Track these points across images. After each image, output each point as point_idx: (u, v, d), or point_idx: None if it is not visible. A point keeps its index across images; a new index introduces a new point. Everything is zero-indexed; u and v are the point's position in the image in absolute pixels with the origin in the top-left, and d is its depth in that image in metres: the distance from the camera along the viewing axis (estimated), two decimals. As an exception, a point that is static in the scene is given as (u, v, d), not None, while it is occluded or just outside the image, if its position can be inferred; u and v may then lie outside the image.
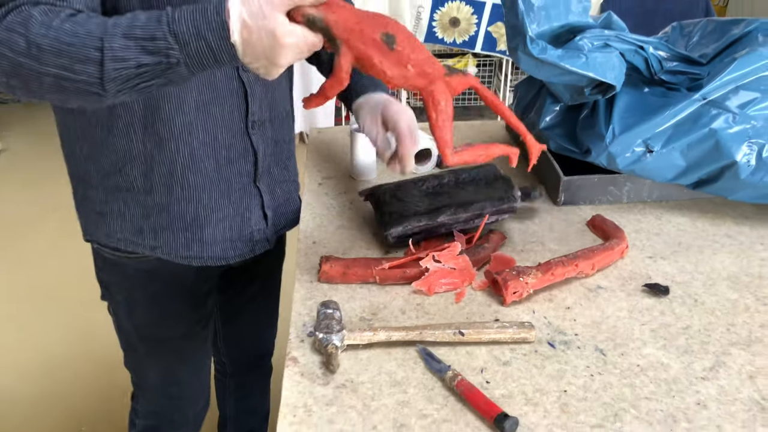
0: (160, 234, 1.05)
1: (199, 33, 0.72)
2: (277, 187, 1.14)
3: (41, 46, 0.73)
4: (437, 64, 0.82)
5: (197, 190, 1.03)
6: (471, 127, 1.52)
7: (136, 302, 1.15)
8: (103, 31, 0.73)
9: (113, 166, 1.00)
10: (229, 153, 1.03)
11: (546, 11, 1.06)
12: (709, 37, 1.18)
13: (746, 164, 1.06)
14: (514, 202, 1.05)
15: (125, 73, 0.74)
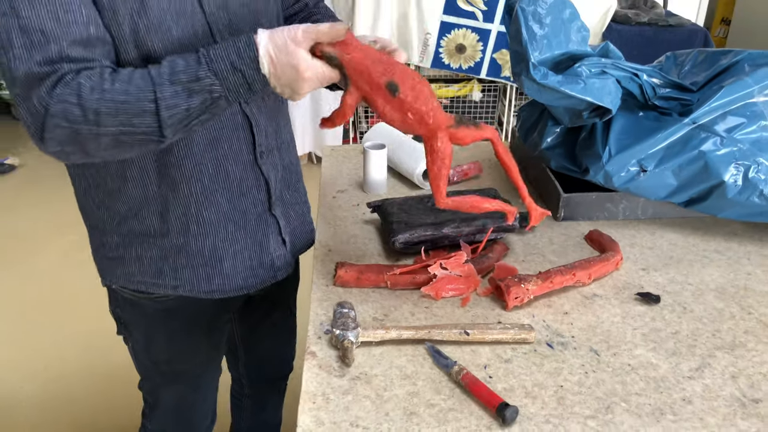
0: (181, 273, 1.07)
1: (236, 68, 0.82)
2: (291, 210, 1.17)
3: (98, 111, 0.80)
4: (441, 115, 0.88)
5: (213, 226, 1.05)
6: (476, 146, 1.60)
7: (154, 339, 1.18)
8: (150, 83, 0.81)
9: (129, 212, 1.02)
10: (241, 185, 1.05)
11: (548, 40, 1.15)
12: (699, 67, 1.26)
13: (733, 184, 1.14)
14: (514, 221, 1.13)
15: (178, 117, 0.82)
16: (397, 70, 0.86)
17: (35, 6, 0.79)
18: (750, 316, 0.99)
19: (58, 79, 0.80)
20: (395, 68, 0.86)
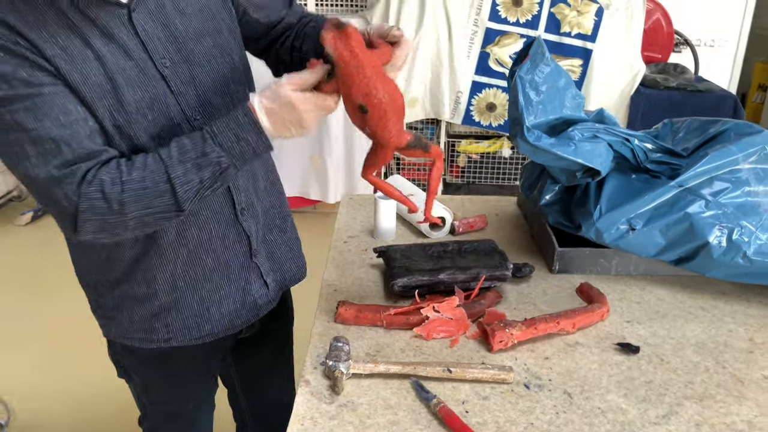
0: (171, 326, 1.13)
1: (239, 137, 0.92)
2: (276, 249, 1.24)
3: (122, 201, 0.90)
4: (397, 138, 0.95)
5: (200, 281, 1.12)
6: (486, 201, 1.69)
7: (150, 383, 1.25)
8: (163, 166, 0.91)
9: (121, 276, 1.09)
10: (224, 242, 1.12)
11: (543, 105, 1.25)
12: (692, 134, 1.34)
13: (718, 245, 1.20)
14: (506, 271, 1.21)
15: (192, 191, 0.93)
16: (375, 93, 0.91)
17: (38, 117, 0.87)
18: (724, 371, 1.04)
19: (81, 178, 0.89)
20: (375, 92, 0.91)
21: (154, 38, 0.98)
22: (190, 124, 1.02)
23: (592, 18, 3.41)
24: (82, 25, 0.92)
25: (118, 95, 0.94)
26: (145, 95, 0.97)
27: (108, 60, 0.93)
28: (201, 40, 1.04)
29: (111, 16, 0.94)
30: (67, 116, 0.89)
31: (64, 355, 2.56)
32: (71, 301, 2.94)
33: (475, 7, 3.42)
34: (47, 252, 3.38)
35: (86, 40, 0.92)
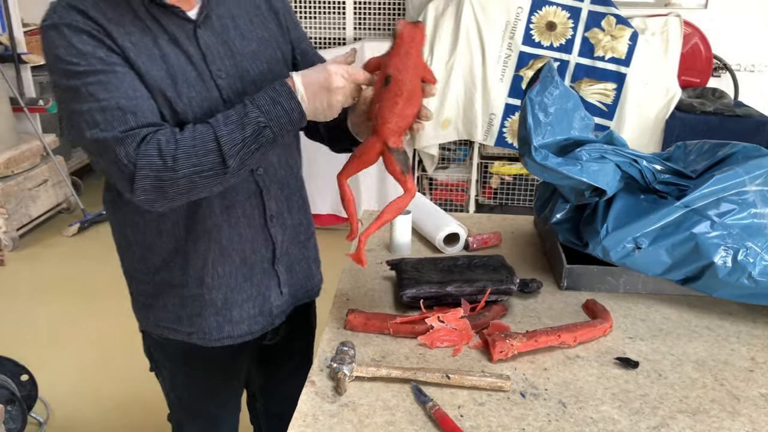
0: (195, 320, 1.22)
1: (275, 101, 1.01)
2: (296, 264, 1.31)
3: (176, 157, 0.98)
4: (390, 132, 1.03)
5: (226, 278, 1.20)
6: (503, 219, 1.73)
7: (177, 378, 1.34)
8: (210, 128, 1.01)
9: (161, 263, 1.20)
10: (252, 245, 1.21)
11: (551, 126, 1.30)
12: (703, 156, 1.36)
13: (723, 265, 1.22)
14: (512, 285, 1.25)
15: (236, 148, 1.00)
16: (405, 74, 1.01)
17: (110, 89, 0.99)
18: (722, 387, 1.06)
19: (141, 139, 0.99)
20: (405, 73, 1.01)
21: (214, 52, 1.11)
22: None
23: (626, 42, 3.42)
24: (154, 28, 1.06)
25: (176, 89, 1.06)
26: (198, 96, 1.08)
27: (171, 59, 1.06)
28: (256, 62, 1.16)
29: (179, 27, 1.08)
30: (134, 92, 1.02)
31: (102, 361, 2.68)
32: (111, 310, 3.07)
33: (509, 31, 3.48)
34: (92, 262, 3.55)
35: (155, 41, 1.05)
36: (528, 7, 3.43)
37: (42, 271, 3.45)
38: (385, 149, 1.04)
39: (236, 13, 1.16)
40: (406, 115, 1.03)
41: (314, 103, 1.02)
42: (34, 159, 3.80)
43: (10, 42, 3.74)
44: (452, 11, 3.49)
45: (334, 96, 1.02)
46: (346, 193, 1.08)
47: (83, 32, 1.00)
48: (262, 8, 1.21)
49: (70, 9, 1.01)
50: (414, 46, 1.01)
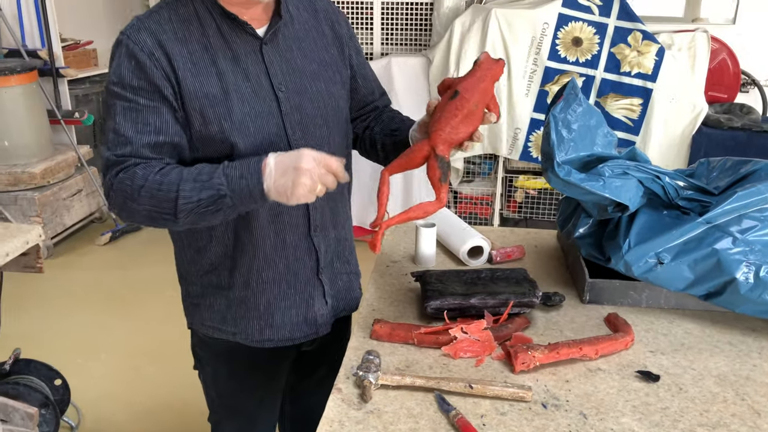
0: (239, 321, 1.30)
1: (243, 175, 1.08)
2: (338, 278, 1.37)
3: (140, 193, 1.11)
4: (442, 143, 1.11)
5: (270, 284, 1.28)
6: (527, 233, 1.76)
7: (219, 375, 1.41)
8: (179, 179, 1.10)
9: (209, 266, 1.28)
10: (296, 252, 1.27)
11: (574, 143, 1.32)
12: (725, 173, 1.38)
13: (745, 281, 1.23)
14: (534, 298, 1.28)
15: (189, 206, 1.10)
16: (472, 95, 1.11)
17: (126, 117, 1.13)
18: (743, 402, 1.07)
19: (123, 168, 1.13)
20: (472, 94, 1.11)
21: (277, 67, 1.20)
22: (288, 139, 1.20)
23: (652, 58, 3.43)
24: (217, 47, 1.15)
25: (228, 105, 1.15)
26: (252, 110, 1.16)
27: (228, 78, 1.15)
28: (315, 81, 1.24)
29: (245, 43, 1.17)
30: (145, 126, 1.14)
31: (133, 367, 2.75)
32: (141, 318, 3.15)
33: (535, 47, 3.50)
34: (123, 271, 3.64)
35: (214, 60, 1.15)
36: (554, 22, 3.46)
37: (75, 279, 3.55)
38: (431, 154, 1.10)
39: (302, 36, 1.24)
40: (461, 130, 1.10)
41: (280, 180, 1.06)
42: (69, 170, 3.91)
43: (49, 57, 3.87)
44: (479, 26, 3.53)
45: (300, 176, 1.05)
46: (385, 185, 1.15)
47: (138, 59, 1.11)
48: (326, 34, 1.29)
49: (141, 30, 1.13)
50: (489, 75, 1.11)
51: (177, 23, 1.14)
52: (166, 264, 3.90)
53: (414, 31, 4.03)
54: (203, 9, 1.16)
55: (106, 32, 5.22)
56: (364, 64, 1.36)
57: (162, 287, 3.43)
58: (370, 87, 1.38)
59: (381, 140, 1.34)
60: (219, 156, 1.16)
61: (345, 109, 1.31)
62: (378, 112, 1.42)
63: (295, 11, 1.25)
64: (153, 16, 1.15)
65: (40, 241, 1.77)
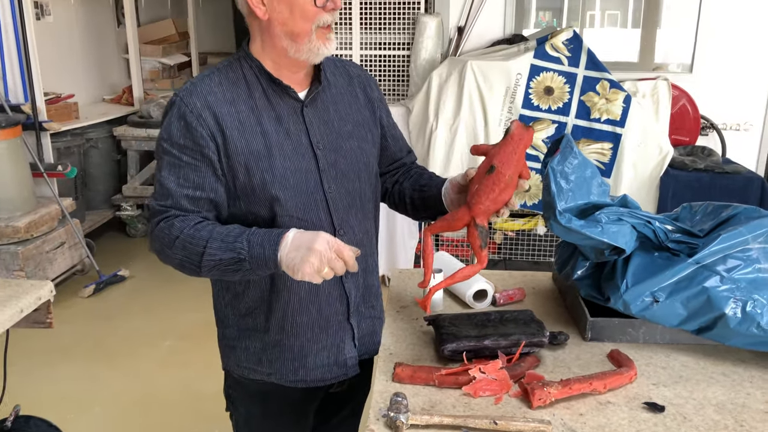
0: (275, 363, 1.38)
1: (263, 244, 1.18)
2: (363, 321, 1.46)
3: (173, 243, 1.22)
4: (481, 214, 1.22)
5: (303, 328, 1.36)
6: (524, 275, 1.86)
7: (252, 415, 1.48)
8: (209, 236, 1.21)
9: (246, 310, 1.37)
10: (328, 298, 1.37)
11: (573, 192, 1.44)
12: (707, 216, 1.51)
13: (734, 316, 1.34)
14: (543, 338, 1.37)
15: (211, 264, 1.20)
16: (507, 168, 1.22)
17: (170, 171, 1.26)
18: (742, 428, 1.17)
19: (165, 217, 1.25)
20: (507, 167, 1.22)
21: (315, 127, 1.31)
22: (324, 192, 1.31)
23: (620, 105, 3.64)
24: (262, 108, 1.27)
25: (271, 161, 1.26)
26: (292, 165, 1.27)
27: (271, 136, 1.26)
28: (349, 140, 1.36)
29: (288, 105, 1.29)
30: (186, 181, 1.25)
31: (124, 420, 2.73)
32: (129, 370, 3.14)
33: (509, 96, 3.69)
34: (109, 322, 3.62)
35: (259, 120, 1.26)
36: (526, 73, 3.65)
37: (61, 332, 3.51)
38: (471, 223, 1.20)
39: (338, 99, 1.37)
40: (499, 201, 1.21)
41: (292, 254, 1.16)
42: (52, 222, 3.91)
43: (32, 111, 3.90)
44: (455, 78, 3.70)
45: (311, 255, 1.15)
46: (429, 246, 1.24)
47: (187, 120, 1.22)
48: (359, 97, 1.41)
49: (193, 93, 1.24)
50: (521, 146, 1.21)
51: (226, 86, 1.26)
52: (152, 314, 3.93)
53: (393, 82, 4.19)
54: (251, 73, 1.28)
55: (86, 85, 5.28)
56: (393, 125, 1.48)
57: (149, 337, 3.43)
58: (399, 145, 1.50)
59: (410, 195, 1.44)
60: (261, 208, 1.25)
61: (375, 165, 1.42)
62: (406, 168, 1.52)
63: (332, 77, 1.37)
64: (205, 80, 1.26)
65: (51, 296, 1.81)
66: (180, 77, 6.09)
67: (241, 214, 1.31)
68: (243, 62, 1.31)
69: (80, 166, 4.59)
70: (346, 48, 4.13)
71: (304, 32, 1.24)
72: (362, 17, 4.08)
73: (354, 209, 1.38)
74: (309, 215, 1.32)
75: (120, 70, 5.81)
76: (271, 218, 1.31)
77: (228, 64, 1.31)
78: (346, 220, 1.36)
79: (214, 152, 1.24)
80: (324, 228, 1.33)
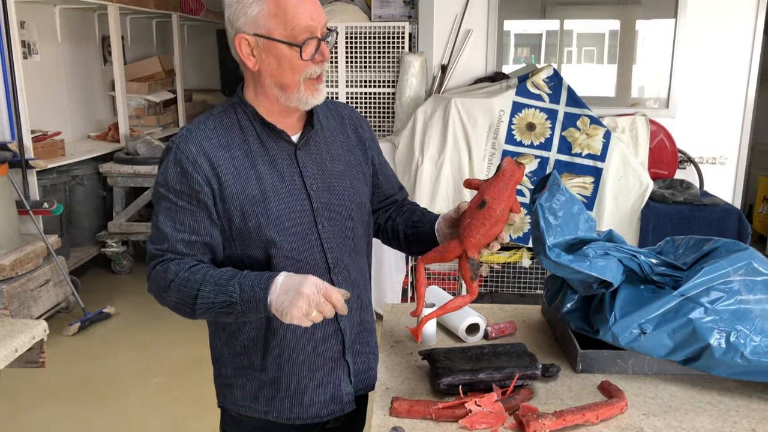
0: (271, 401, 1.40)
1: (253, 287, 1.21)
2: (359, 358, 1.48)
3: (169, 286, 1.26)
4: (472, 246, 1.27)
5: (300, 365, 1.38)
6: (514, 309, 1.90)
7: None
8: (202, 280, 1.24)
9: (242, 349, 1.39)
10: (324, 335, 1.39)
11: (561, 228, 1.49)
12: (690, 250, 1.56)
13: (718, 346, 1.39)
14: (536, 371, 1.40)
15: (205, 307, 1.24)
16: (498, 203, 1.25)
17: (167, 216, 1.29)
18: (730, 456, 1.20)
19: (161, 261, 1.28)
20: (498, 202, 1.25)
21: (309, 169, 1.35)
22: (318, 232, 1.34)
23: (600, 140, 3.74)
24: (256, 153, 1.31)
25: (266, 204, 1.29)
26: (287, 207, 1.31)
27: (265, 180, 1.30)
28: (342, 180, 1.39)
29: (281, 149, 1.33)
30: (181, 225, 1.29)
31: (114, 460, 2.70)
32: (119, 409, 3.10)
33: (493, 132, 3.77)
34: (95, 361, 3.58)
35: (254, 164, 1.30)
36: (509, 110, 3.75)
37: (46, 372, 3.46)
38: (463, 256, 1.24)
39: (330, 140, 1.41)
40: (489, 235, 1.24)
41: (281, 297, 1.19)
42: (37, 260, 3.89)
43: (19, 149, 3.91)
44: (440, 114, 3.79)
45: (299, 299, 1.17)
46: (421, 276, 1.28)
47: (183, 166, 1.25)
48: (351, 137, 1.46)
49: (189, 140, 1.28)
50: (512, 182, 1.25)
51: (221, 131, 1.30)
52: (139, 351, 3.90)
53: (379, 119, 4.27)
54: (245, 119, 1.32)
55: (72, 122, 5.30)
56: (384, 163, 1.53)
57: (137, 375, 3.40)
58: (390, 183, 1.55)
59: (403, 231, 1.48)
60: (257, 251, 1.28)
61: (367, 203, 1.46)
62: (398, 204, 1.57)
63: (324, 119, 1.42)
64: (200, 126, 1.31)
65: (45, 335, 1.81)
66: (165, 114, 6.14)
67: (236, 256, 1.34)
68: (237, 108, 1.35)
69: (66, 202, 4.58)
70: (332, 86, 4.21)
71: (293, 83, 1.28)
72: (348, 56, 4.17)
73: (348, 248, 1.41)
74: (304, 255, 1.35)
75: (106, 107, 5.84)
76: (266, 260, 1.33)
77: (223, 110, 1.35)
78: (340, 258, 1.39)
79: (210, 197, 1.28)
80: (319, 267, 1.36)
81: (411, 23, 4.18)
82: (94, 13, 5.57)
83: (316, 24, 1.25)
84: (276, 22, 1.24)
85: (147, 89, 5.86)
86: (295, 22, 1.23)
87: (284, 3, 1.24)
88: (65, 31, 5.15)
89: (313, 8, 1.26)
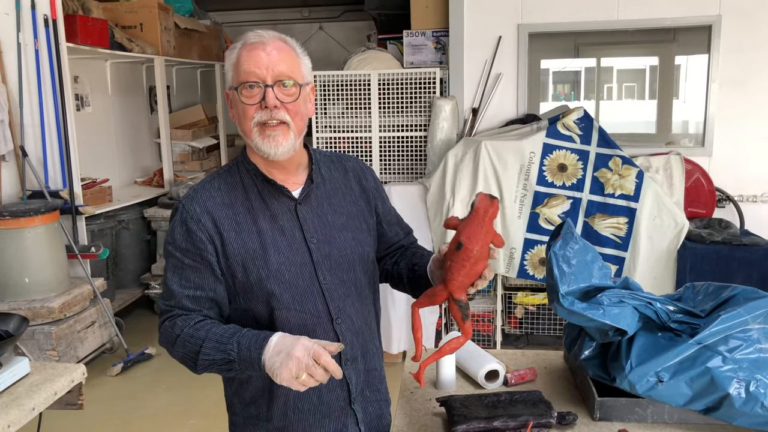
0: None
1: (249, 347, 1.26)
2: (369, 405, 1.50)
3: (175, 341, 1.33)
4: (457, 288, 1.25)
5: (305, 414, 1.41)
6: (537, 354, 1.91)
7: None
8: (205, 336, 1.30)
9: (250, 399, 1.44)
10: (328, 385, 1.39)
11: (575, 276, 1.51)
12: (709, 297, 1.56)
13: (738, 396, 1.37)
14: (551, 419, 1.41)
15: (206, 363, 1.30)
16: (475, 243, 1.23)
17: (174, 273, 1.37)
18: None
19: (171, 316, 1.36)
20: (475, 242, 1.23)
21: (309, 223, 1.41)
22: (319, 284, 1.38)
23: (633, 180, 3.72)
24: (258, 209, 1.38)
25: (266, 258, 1.36)
26: (287, 259, 1.37)
27: (266, 235, 1.37)
28: (343, 232, 1.44)
29: (282, 204, 1.40)
30: (188, 282, 1.37)
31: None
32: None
33: (524, 174, 3.80)
34: (136, 401, 3.68)
35: (255, 220, 1.37)
36: (540, 151, 3.78)
37: (89, 412, 3.57)
38: (450, 298, 1.27)
39: (332, 193, 1.47)
40: (471, 275, 1.26)
41: (273, 358, 1.24)
42: (84, 303, 4.04)
43: (69, 196, 4.12)
44: (470, 157, 3.84)
45: (289, 361, 1.21)
46: (417, 321, 1.32)
47: (188, 225, 1.35)
48: (354, 189, 1.51)
49: (194, 200, 1.37)
50: (487, 219, 1.25)
51: (225, 190, 1.39)
52: (177, 392, 3.98)
53: (410, 162, 4.34)
54: (248, 178, 1.41)
55: (119, 169, 5.54)
56: (389, 210, 1.57)
57: (175, 416, 3.47)
58: (395, 230, 1.59)
59: (406, 275, 1.52)
60: (259, 304, 1.35)
61: (371, 252, 1.50)
62: (404, 249, 1.61)
63: (327, 172, 1.48)
64: (206, 186, 1.40)
65: (83, 378, 1.90)
66: (209, 158, 6.35)
67: (241, 309, 1.41)
68: (240, 166, 1.42)
69: (112, 246, 4.76)
70: (365, 131, 4.32)
71: (248, 130, 1.35)
72: (381, 101, 4.28)
73: (351, 298, 1.44)
74: (306, 306, 1.39)
75: (152, 154, 6.09)
76: (269, 313, 1.38)
77: (228, 169, 1.44)
78: (343, 308, 1.43)
79: (213, 254, 1.36)
80: (321, 318, 1.40)
81: (442, 69, 4.27)
82: (142, 66, 5.86)
83: (262, 71, 1.32)
84: (234, 73, 1.35)
85: (191, 136, 6.10)
86: (242, 69, 1.33)
87: (242, 55, 1.34)
88: (115, 83, 5.43)
89: (266, 58, 1.32)
